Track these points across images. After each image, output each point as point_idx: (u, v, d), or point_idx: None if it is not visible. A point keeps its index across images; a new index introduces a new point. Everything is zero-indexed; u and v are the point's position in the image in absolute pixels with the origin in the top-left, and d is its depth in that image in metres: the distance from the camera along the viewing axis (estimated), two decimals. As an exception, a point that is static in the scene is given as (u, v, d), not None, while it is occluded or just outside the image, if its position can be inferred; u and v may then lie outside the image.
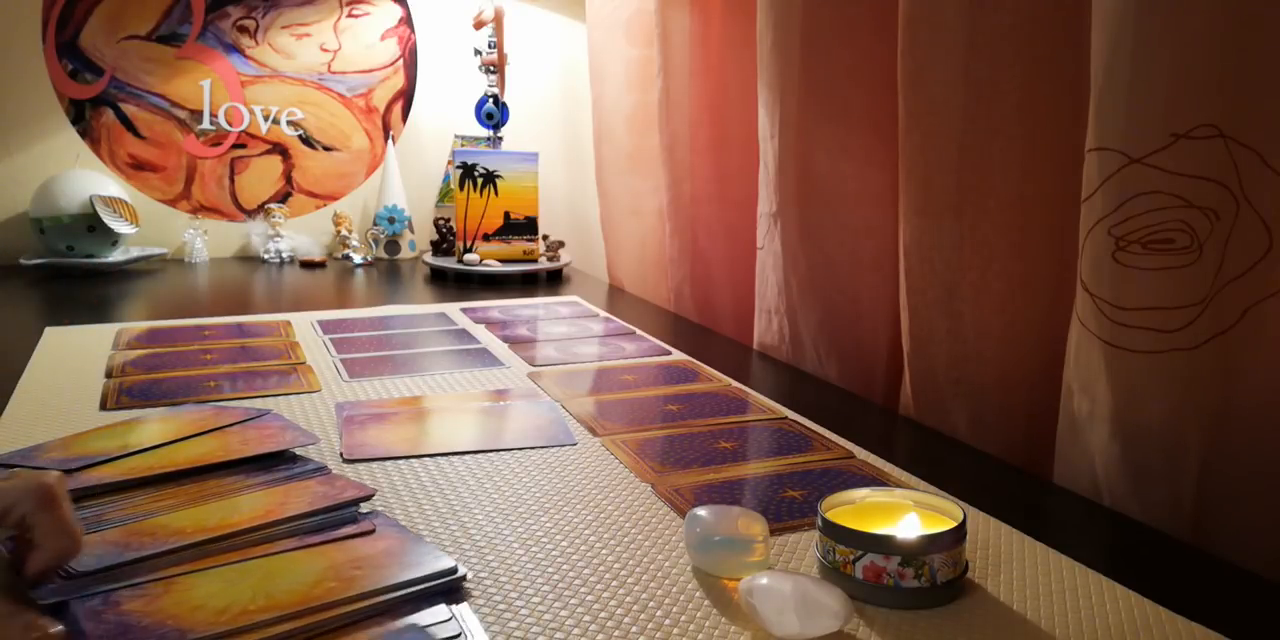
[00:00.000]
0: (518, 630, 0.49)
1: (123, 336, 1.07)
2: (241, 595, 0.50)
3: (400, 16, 1.71)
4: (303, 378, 0.93)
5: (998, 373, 0.84)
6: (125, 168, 1.60)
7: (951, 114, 0.81)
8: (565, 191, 1.81)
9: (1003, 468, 0.77)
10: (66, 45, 1.54)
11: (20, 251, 1.49)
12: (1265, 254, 0.63)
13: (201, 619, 0.48)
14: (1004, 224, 0.81)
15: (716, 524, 0.56)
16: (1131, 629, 0.51)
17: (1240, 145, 0.62)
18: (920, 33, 0.81)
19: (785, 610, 0.48)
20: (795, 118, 1.02)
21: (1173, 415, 0.66)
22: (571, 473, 0.71)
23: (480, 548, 0.58)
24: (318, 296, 1.40)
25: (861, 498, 0.59)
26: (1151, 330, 0.65)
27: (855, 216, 1.01)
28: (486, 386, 0.92)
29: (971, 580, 0.56)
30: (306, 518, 0.59)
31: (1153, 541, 0.64)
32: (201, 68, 1.61)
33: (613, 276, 1.59)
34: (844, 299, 1.04)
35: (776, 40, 1.02)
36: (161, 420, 0.76)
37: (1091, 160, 0.66)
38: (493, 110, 1.63)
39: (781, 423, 0.83)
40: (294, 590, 0.50)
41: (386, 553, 0.55)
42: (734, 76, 1.28)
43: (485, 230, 1.53)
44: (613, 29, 1.49)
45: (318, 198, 1.72)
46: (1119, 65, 0.63)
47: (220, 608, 0.49)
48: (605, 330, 1.16)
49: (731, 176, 1.30)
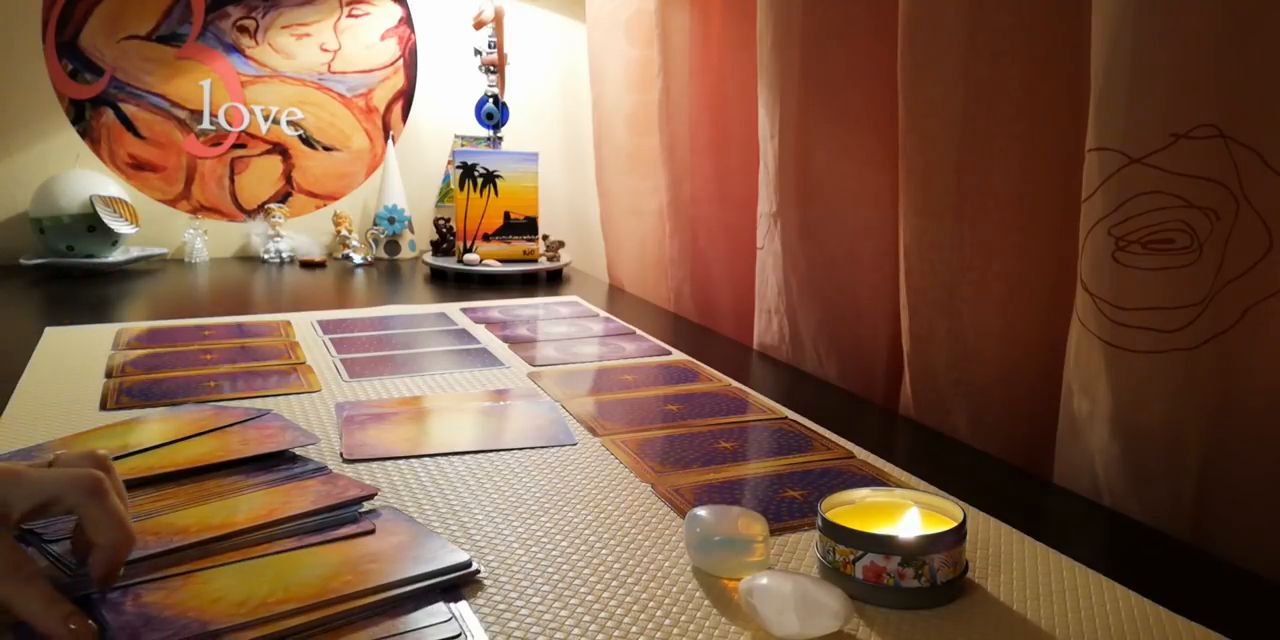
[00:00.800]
0: (518, 630, 0.49)
1: (123, 336, 1.07)
2: (259, 589, 0.50)
3: (400, 16, 1.71)
4: (303, 378, 0.93)
5: (998, 373, 0.84)
6: (125, 168, 1.60)
7: (951, 114, 0.81)
8: (565, 191, 1.81)
9: (1003, 468, 0.77)
10: (66, 45, 1.54)
11: (20, 251, 1.49)
12: (1265, 254, 0.63)
13: (222, 611, 0.48)
14: (1004, 224, 0.81)
15: (716, 524, 0.56)
16: (1131, 629, 0.51)
17: (1240, 145, 0.62)
18: (920, 33, 0.81)
19: (785, 610, 0.48)
20: (795, 118, 1.02)
21: (1173, 415, 0.66)
22: (571, 473, 0.71)
23: (480, 548, 0.58)
24: (318, 296, 1.40)
25: (861, 498, 0.59)
26: (1151, 330, 0.65)
27: (855, 216, 1.01)
28: (486, 386, 0.92)
29: (971, 580, 0.56)
30: (309, 517, 0.59)
31: (1153, 541, 0.64)
32: (201, 68, 1.61)
33: (613, 276, 1.59)
34: (844, 299, 1.04)
35: (776, 40, 1.02)
36: (161, 420, 0.76)
37: (1091, 160, 0.66)
38: (493, 110, 1.63)
39: (781, 423, 0.83)
40: (311, 583, 0.51)
41: (399, 547, 0.55)
42: (734, 76, 1.28)
43: (485, 230, 1.53)
44: (613, 29, 1.49)
45: (318, 198, 1.72)
46: (1119, 65, 0.63)
47: (239, 600, 0.49)
48: (605, 330, 1.16)
49: (731, 176, 1.30)
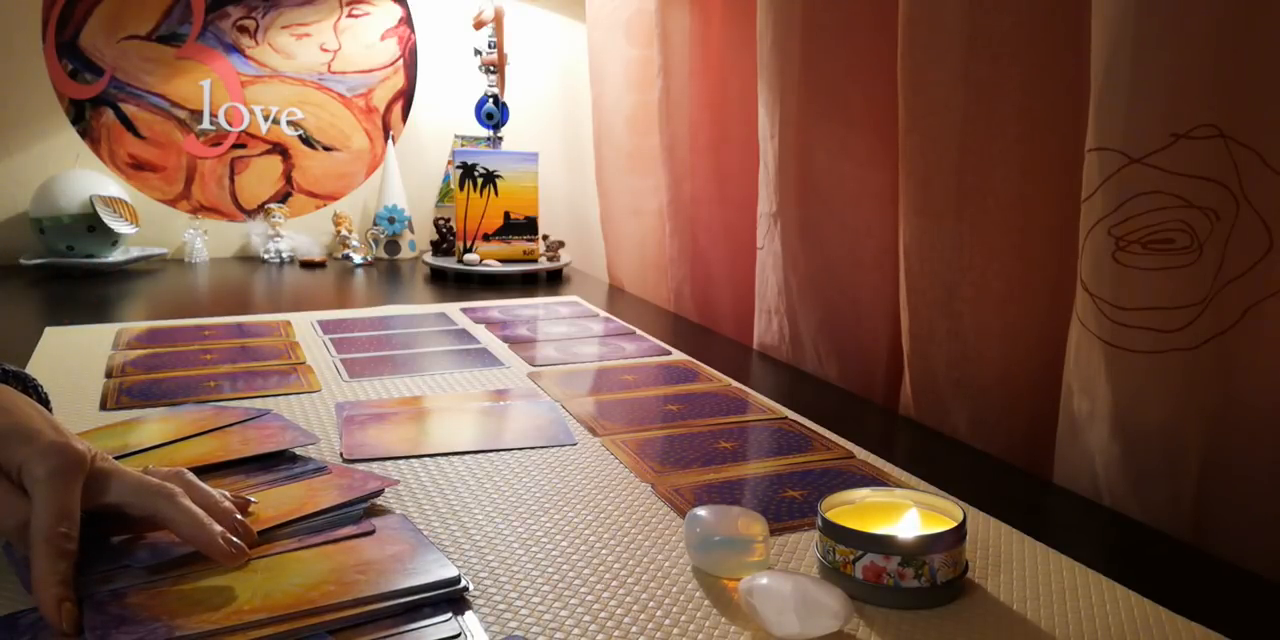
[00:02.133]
0: (518, 630, 0.49)
1: (123, 336, 1.07)
2: (241, 594, 0.50)
3: (400, 16, 1.71)
4: (303, 378, 0.93)
5: (998, 373, 0.84)
6: (125, 168, 1.60)
7: (951, 114, 0.81)
8: (565, 191, 1.81)
9: (1003, 468, 0.77)
10: (66, 45, 1.54)
11: (20, 251, 1.49)
12: (1265, 254, 0.63)
13: (195, 616, 0.48)
14: (1004, 224, 0.81)
15: (716, 524, 0.56)
16: (1131, 629, 0.51)
17: (1240, 145, 0.62)
18: (920, 33, 0.81)
19: (785, 610, 0.48)
20: (795, 118, 1.02)
21: (1173, 415, 0.66)
22: (571, 473, 0.71)
23: (480, 548, 0.58)
24: (318, 296, 1.40)
25: (861, 498, 0.59)
26: (1151, 330, 0.65)
27: (855, 216, 1.01)
28: (486, 386, 0.92)
29: (971, 580, 0.56)
30: (332, 512, 0.59)
31: (1153, 541, 0.64)
32: (201, 68, 1.61)
33: (613, 276, 1.59)
34: (844, 299, 1.04)
35: (776, 40, 1.02)
36: (161, 420, 0.76)
37: (1091, 160, 0.66)
38: (493, 110, 1.63)
39: (781, 423, 0.83)
40: (290, 592, 0.50)
41: (394, 558, 0.55)
42: (734, 76, 1.28)
43: (485, 230, 1.53)
44: (613, 29, 1.49)
45: (318, 198, 1.72)
46: (1119, 65, 0.63)
47: (218, 605, 0.49)
48: (605, 330, 1.16)
49: (731, 176, 1.30)
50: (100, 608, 0.49)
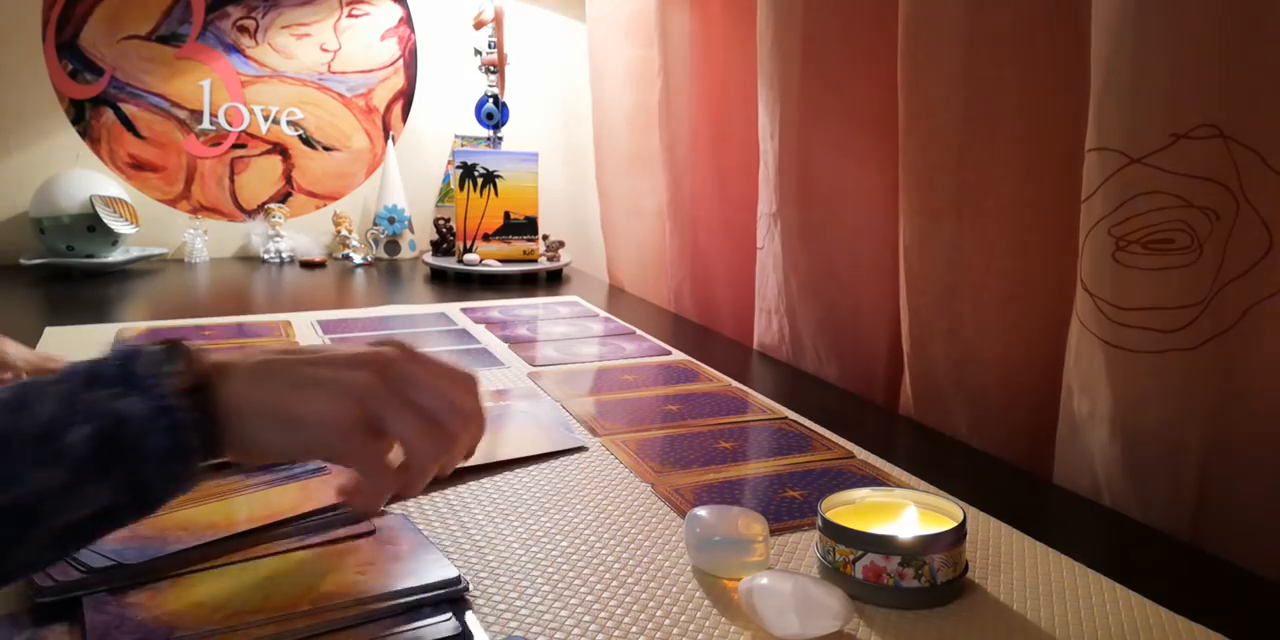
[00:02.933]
0: (518, 630, 0.49)
1: (123, 336, 1.07)
2: (240, 594, 0.50)
3: (400, 16, 1.71)
4: (303, 378, 0.92)
5: (998, 373, 0.84)
6: (125, 168, 1.60)
7: (952, 114, 0.81)
8: (565, 191, 1.81)
9: (1003, 468, 0.77)
10: (66, 45, 1.54)
11: (20, 251, 1.49)
12: (1265, 254, 0.63)
13: (195, 616, 0.48)
14: (1004, 224, 0.81)
15: (716, 524, 0.56)
16: (1131, 629, 0.51)
17: (1240, 145, 0.62)
18: (920, 33, 0.81)
19: (785, 610, 0.48)
20: (795, 117, 1.02)
21: (1173, 415, 0.66)
22: (571, 472, 0.71)
23: (480, 548, 0.58)
24: (318, 296, 1.40)
25: (861, 498, 0.59)
26: (1152, 330, 0.65)
27: (855, 216, 1.01)
28: (486, 386, 0.91)
29: (971, 580, 0.56)
30: (334, 511, 0.59)
31: (1153, 541, 0.64)
32: (201, 68, 1.61)
33: (613, 276, 1.59)
34: (844, 299, 1.04)
35: (776, 40, 1.02)
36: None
37: (1091, 160, 0.66)
38: (493, 110, 1.63)
39: (781, 423, 0.83)
40: (290, 593, 0.50)
41: (395, 558, 0.55)
42: (734, 76, 1.27)
43: (485, 230, 1.53)
44: (613, 29, 1.49)
45: (318, 198, 1.72)
46: (1119, 65, 0.63)
47: (218, 605, 0.49)
48: (605, 330, 1.16)
49: (731, 176, 1.30)
50: (100, 608, 0.49)
